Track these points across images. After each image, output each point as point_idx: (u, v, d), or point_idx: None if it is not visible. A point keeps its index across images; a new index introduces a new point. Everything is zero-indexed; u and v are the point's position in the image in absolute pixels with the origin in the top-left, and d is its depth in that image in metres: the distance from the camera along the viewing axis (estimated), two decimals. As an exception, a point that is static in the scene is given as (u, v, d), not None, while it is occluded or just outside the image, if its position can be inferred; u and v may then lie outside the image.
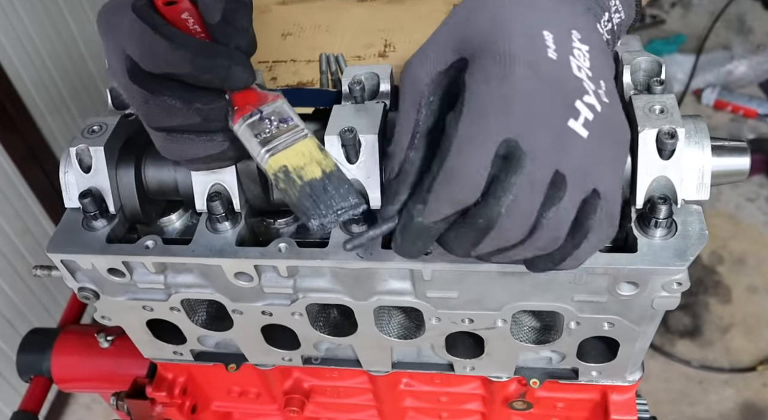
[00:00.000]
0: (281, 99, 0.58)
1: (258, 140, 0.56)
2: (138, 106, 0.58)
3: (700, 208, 0.62)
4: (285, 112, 0.58)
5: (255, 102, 0.57)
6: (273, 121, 0.57)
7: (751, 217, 2.55)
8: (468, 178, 0.46)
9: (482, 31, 0.48)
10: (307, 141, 0.56)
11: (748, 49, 3.04)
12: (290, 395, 0.93)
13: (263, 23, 0.90)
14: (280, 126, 0.57)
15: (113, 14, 0.58)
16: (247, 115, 0.57)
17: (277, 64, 0.82)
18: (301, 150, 0.56)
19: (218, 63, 0.54)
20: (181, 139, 0.59)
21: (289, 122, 0.57)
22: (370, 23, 0.86)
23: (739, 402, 2.10)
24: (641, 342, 0.71)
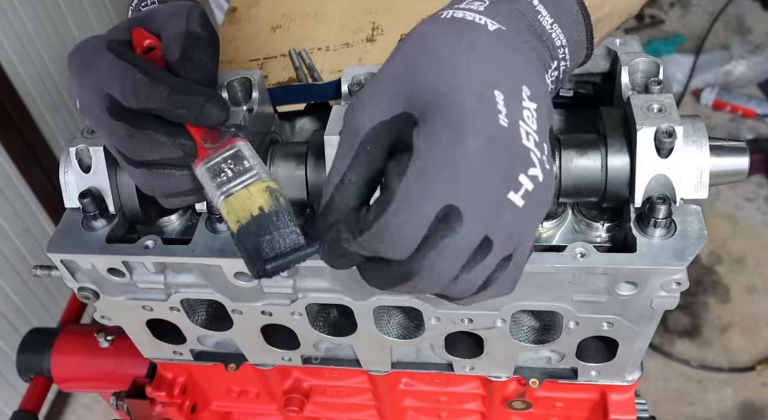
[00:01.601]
0: (241, 141, 0.59)
1: (215, 184, 0.57)
2: (122, 142, 0.59)
3: (699, 208, 0.62)
4: (242, 155, 0.58)
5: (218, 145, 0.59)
6: (230, 164, 0.58)
7: (750, 217, 2.56)
8: (401, 239, 0.46)
9: (431, 86, 0.47)
10: (258, 183, 0.56)
11: (747, 49, 3.04)
12: (290, 395, 0.93)
13: (253, 17, 0.90)
14: (236, 169, 0.57)
15: (90, 54, 0.60)
16: (207, 160, 0.58)
17: (268, 61, 0.82)
18: (250, 193, 0.55)
19: (194, 99, 0.57)
20: (161, 174, 0.61)
21: (245, 165, 0.57)
22: (358, 6, 0.86)
23: (737, 401, 2.10)
24: (640, 342, 0.71)
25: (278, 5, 0.90)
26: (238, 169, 0.57)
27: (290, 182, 0.68)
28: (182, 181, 0.61)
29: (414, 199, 0.45)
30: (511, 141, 0.46)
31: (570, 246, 0.61)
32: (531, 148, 0.46)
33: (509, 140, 0.46)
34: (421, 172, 0.45)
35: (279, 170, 0.69)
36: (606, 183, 0.64)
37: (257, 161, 0.58)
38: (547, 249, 0.63)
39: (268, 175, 0.57)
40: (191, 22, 0.61)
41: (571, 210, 0.71)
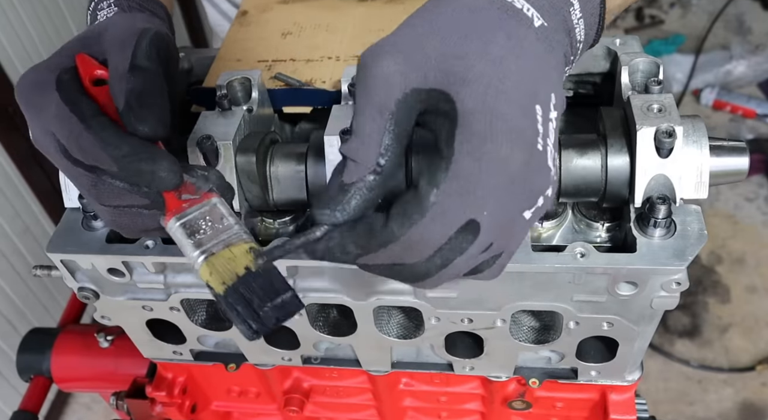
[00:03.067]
0: (216, 197, 0.56)
1: (192, 242, 0.53)
2: (85, 189, 0.56)
3: (699, 208, 0.62)
4: (220, 212, 0.55)
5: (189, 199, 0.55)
6: (207, 221, 0.54)
7: (750, 217, 2.56)
8: (425, 249, 0.45)
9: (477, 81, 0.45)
10: (241, 245, 0.53)
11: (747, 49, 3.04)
12: (290, 395, 0.93)
13: (264, 22, 0.90)
14: (214, 227, 0.54)
15: (36, 92, 0.55)
16: (181, 215, 0.54)
17: (277, 64, 0.82)
18: (233, 253, 0.53)
19: (142, 168, 0.52)
20: (130, 212, 0.57)
21: (224, 223, 0.54)
22: (370, 23, 0.86)
23: (737, 401, 2.10)
24: (640, 342, 0.71)
25: (290, 13, 0.90)
26: (216, 227, 0.54)
27: (290, 182, 0.68)
28: (151, 221, 0.58)
29: (446, 213, 0.44)
30: (542, 165, 0.46)
31: (570, 246, 0.61)
32: (551, 168, 0.46)
33: (541, 164, 0.46)
34: (458, 184, 0.44)
35: (279, 170, 0.69)
36: (606, 183, 0.63)
37: (236, 219, 0.55)
38: (547, 249, 0.63)
39: (249, 235, 0.54)
40: (138, 55, 0.56)
41: (571, 210, 0.71)
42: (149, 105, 0.54)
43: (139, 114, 0.53)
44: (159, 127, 0.54)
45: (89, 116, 0.54)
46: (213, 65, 0.82)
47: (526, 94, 0.45)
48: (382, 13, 0.88)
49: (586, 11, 0.51)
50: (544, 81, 0.47)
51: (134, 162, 0.52)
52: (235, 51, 0.85)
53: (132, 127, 0.53)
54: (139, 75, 0.55)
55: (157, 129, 0.54)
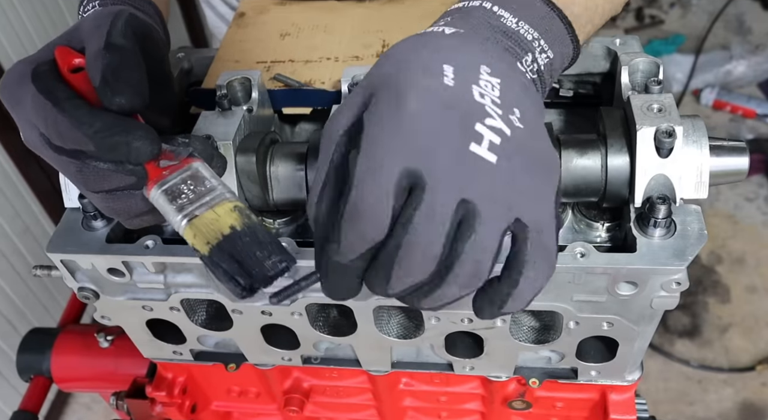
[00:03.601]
0: (198, 161, 0.56)
1: (174, 207, 0.53)
2: (72, 175, 0.57)
3: (699, 208, 0.62)
4: (201, 175, 0.55)
5: (171, 167, 0.55)
6: (189, 185, 0.54)
7: (750, 217, 2.56)
8: (370, 212, 0.43)
9: (384, 73, 0.47)
10: (225, 204, 0.53)
11: (747, 49, 3.04)
12: (290, 395, 0.93)
13: (261, 23, 0.90)
14: (196, 190, 0.54)
15: (16, 87, 0.56)
16: (162, 182, 0.54)
17: (275, 64, 0.82)
18: (217, 214, 0.52)
19: (117, 141, 0.52)
20: (122, 195, 0.58)
21: (206, 185, 0.54)
22: (369, 24, 0.86)
23: (737, 401, 2.10)
24: (640, 342, 0.71)
25: (288, 14, 0.90)
26: (199, 190, 0.54)
27: (290, 182, 0.68)
28: (144, 203, 0.58)
29: (369, 169, 0.43)
30: (457, 95, 0.45)
31: (570, 246, 0.61)
32: (485, 104, 0.45)
33: (455, 95, 0.45)
34: (370, 143, 0.44)
35: (279, 170, 0.69)
36: (606, 183, 0.64)
37: (219, 181, 0.55)
38: (547, 249, 0.63)
39: (233, 195, 0.54)
40: (113, 34, 0.56)
41: (571, 210, 0.71)
42: (125, 78, 0.54)
43: (114, 87, 0.53)
44: (136, 99, 0.54)
45: (62, 99, 0.54)
46: (211, 66, 0.83)
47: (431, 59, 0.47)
48: (380, 14, 0.88)
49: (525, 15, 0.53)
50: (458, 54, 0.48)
51: (108, 136, 0.52)
52: (233, 52, 0.85)
53: (108, 100, 0.53)
54: (114, 51, 0.55)
55: (133, 100, 0.54)
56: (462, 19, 0.53)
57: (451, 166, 0.43)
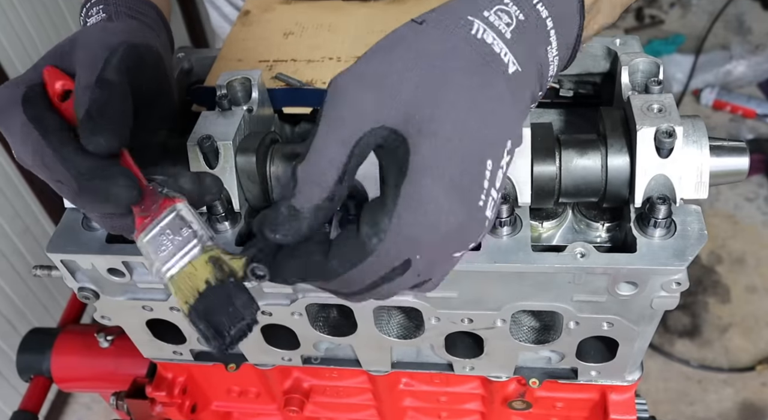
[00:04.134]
0: (177, 202, 0.54)
1: (157, 259, 0.52)
2: (69, 199, 0.56)
3: (699, 208, 0.62)
4: (179, 221, 0.53)
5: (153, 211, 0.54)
6: (168, 234, 0.53)
7: (750, 217, 2.56)
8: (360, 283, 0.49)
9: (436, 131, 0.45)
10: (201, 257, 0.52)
11: (747, 49, 3.04)
12: (290, 395, 0.93)
13: (266, 21, 0.90)
14: (175, 240, 0.53)
15: (5, 112, 0.55)
16: (145, 231, 0.53)
17: (278, 64, 0.82)
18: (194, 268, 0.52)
19: (97, 186, 0.52)
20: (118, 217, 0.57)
21: (184, 234, 0.53)
22: (373, 24, 0.86)
23: (737, 401, 2.10)
24: (640, 342, 0.71)
25: (292, 13, 0.90)
26: (177, 241, 0.52)
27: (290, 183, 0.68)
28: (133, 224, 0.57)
29: (383, 258, 0.47)
30: (478, 219, 0.47)
31: (570, 246, 0.61)
32: (487, 218, 0.48)
33: (478, 218, 0.47)
34: (397, 238, 0.46)
35: (279, 170, 0.69)
36: (606, 183, 0.64)
37: (197, 225, 0.53)
38: (547, 249, 0.63)
39: (210, 239, 0.53)
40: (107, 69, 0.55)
41: (571, 210, 0.71)
42: (108, 117, 0.53)
43: (95, 127, 0.52)
44: (114, 140, 0.53)
45: (51, 131, 0.53)
46: (214, 65, 0.82)
47: (481, 152, 0.46)
48: (384, 14, 0.88)
49: (561, 48, 0.51)
50: (503, 132, 0.47)
51: (88, 180, 0.52)
52: (236, 51, 0.85)
53: (87, 139, 0.52)
54: (104, 88, 0.54)
55: (111, 142, 0.52)
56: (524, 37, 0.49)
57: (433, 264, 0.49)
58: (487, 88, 0.47)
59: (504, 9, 0.48)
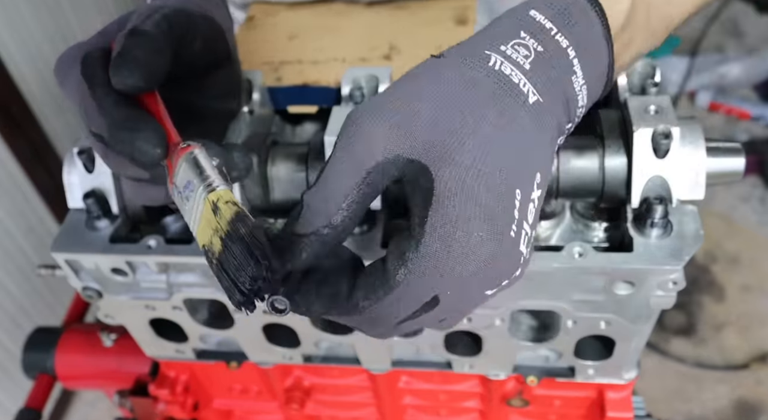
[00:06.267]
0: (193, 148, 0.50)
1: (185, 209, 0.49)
2: (100, 157, 0.57)
3: (696, 209, 0.63)
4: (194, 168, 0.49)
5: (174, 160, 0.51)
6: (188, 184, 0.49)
7: (744, 218, 2.57)
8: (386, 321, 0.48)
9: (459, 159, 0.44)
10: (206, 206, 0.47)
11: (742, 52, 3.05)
12: (291, 393, 0.93)
13: (270, 25, 0.91)
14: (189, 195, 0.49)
15: (66, 66, 0.56)
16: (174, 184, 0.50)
17: (283, 65, 0.83)
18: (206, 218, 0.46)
19: (122, 137, 0.50)
20: (142, 185, 0.57)
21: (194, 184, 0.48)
22: (377, 28, 0.87)
23: (733, 399, 2.11)
24: (637, 340, 0.72)
25: (296, 18, 0.90)
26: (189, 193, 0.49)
27: (291, 183, 0.69)
28: (159, 193, 0.57)
29: (411, 293, 0.45)
30: (512, 251, 0.46)
31: (568, 246, 0.62)
32: (522, 253, 0.47)
33: (511, 251, 0.46)
34: (425, 270, 0.44)
35: (280, 171, 0.69)
36: (603, 184, 0.64)
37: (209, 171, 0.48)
38: (545, 249, 0.64)
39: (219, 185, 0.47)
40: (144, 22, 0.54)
41: (569, 210, 0.71)
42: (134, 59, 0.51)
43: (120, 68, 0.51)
44: (138, 79, 0.51)
45: (97, 85, 0.53)
46: (219, 67, 0.83)
47: (507, 179, 0.45)
48: (388, 18, 0.89)
49: (591, 78, 0.49)
50: (529, 162, 0.46)
51: (115, 130, 0.50)
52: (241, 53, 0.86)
53: (113, 75, 0.51)
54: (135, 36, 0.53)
55: (136, 80, 0.51)
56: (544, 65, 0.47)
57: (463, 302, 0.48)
58: (506, 117, 0.46)
59: (521, 43, 0.48)
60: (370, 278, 0.47)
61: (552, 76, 0.47)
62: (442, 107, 0.45)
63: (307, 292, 0.48)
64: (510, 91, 0.46)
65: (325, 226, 0.46)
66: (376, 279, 0.46)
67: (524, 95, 0.46)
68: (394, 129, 0.45)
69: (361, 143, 0.46)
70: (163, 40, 0.54)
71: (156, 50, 0.53)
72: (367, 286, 0.47)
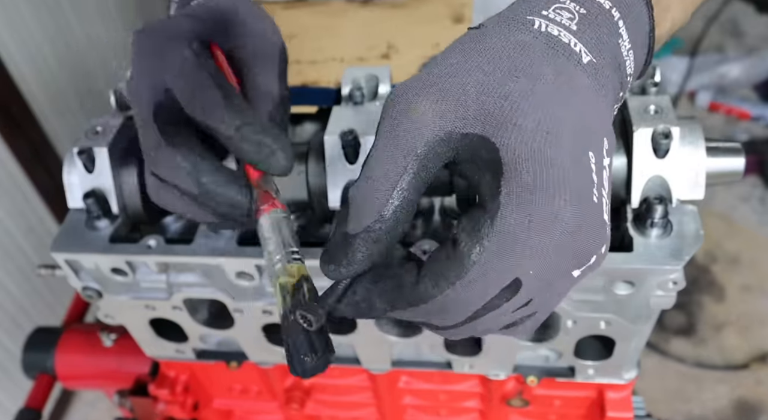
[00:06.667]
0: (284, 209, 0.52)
1: (279, 239, 0.50)
2: (147, 149, 0.52)
3: (696, 209, 0.63)
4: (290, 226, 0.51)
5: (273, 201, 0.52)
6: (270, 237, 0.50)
7: (744, 218, 2.57)
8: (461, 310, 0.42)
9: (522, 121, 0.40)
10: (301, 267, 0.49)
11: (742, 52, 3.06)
12: (291, 393, 0.93)
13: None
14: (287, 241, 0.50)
15: (163, 41, 0.52)
16: (273, 211, 0.51)
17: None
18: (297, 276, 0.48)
19: (265, 141, 0.49)
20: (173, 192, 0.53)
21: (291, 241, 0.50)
22: (374, 27, 0.87)
23: (732, 399, 2.11)
24: (637, 340, 0.72)
25: (294, 18, 0.91)
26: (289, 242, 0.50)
27: (291, 183, 0.69)
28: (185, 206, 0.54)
29: (488, 274, 0.40)
30: (597, 220, 0.41)
31: (568, 246, 0.62)
32: (607, 223, 0.42)
33: (596, 219, 0.41)
34: (504, 246, 0.39)
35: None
36: (603, 184, 0.64)
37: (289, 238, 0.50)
38: (545, 248, 0.64)
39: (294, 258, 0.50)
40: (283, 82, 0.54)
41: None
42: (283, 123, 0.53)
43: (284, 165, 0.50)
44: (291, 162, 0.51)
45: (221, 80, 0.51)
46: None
47: (578, 139, 0.40)
48: (385, 18, 0.89)
49: (635, 44, 0.45)
50: (596, 124, 0.42)
51: (260, 132, 0.49)
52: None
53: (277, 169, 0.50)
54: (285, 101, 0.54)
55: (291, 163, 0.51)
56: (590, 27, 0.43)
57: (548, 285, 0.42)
58: (564, 76, 0.41)
59: (562, 6, 0.44)
60: (438, 263, 0.42)
61: (601, 37, 0.43)
62: (492, 73, 0.41)
63: (368, 291, 0.43)
64: (562, 50, 0.42)
65: (377, 220, 0.42)
66: (446, 262, 0.41)
67: (577, 54, 0.42)
68: (441, 103, 0.41)
69: (407, 123, 0.41)
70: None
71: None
72: (435, 271, 0.41)
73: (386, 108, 0.43)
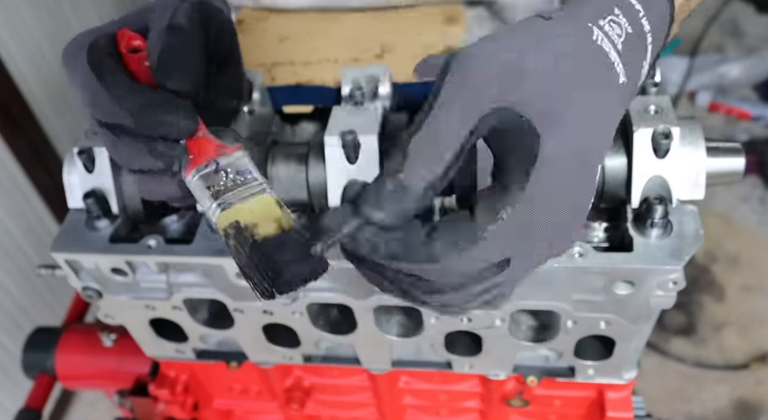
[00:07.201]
0: (241, 151, 0.55)
1: (210, 193, 0.52)
2: (109, 150, 0.57)
3: (696, 209, 0.63)
4: (243, 164, 0.54)
5: (212, 153, 0.54)
6: (229, 173, 0.53)
7: (744, 218, 2.57)
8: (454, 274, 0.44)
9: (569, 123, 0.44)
10: (265, 196, 0.52)
11: (742, 52, 3.06)
12: (291, 393, 0.93)
13: (261, 30, 0.91)
14: (236, 179, 0.53)
15: (73, 55, 0.57)
16: (201, 166, 0.53)
17: (276, 66, 0.83)
18: (256, 206, 0.51)
19: (155, 116, 0.52)
20: (154, 178, 0.57)
21: (246, 175, 0.53)
22: (367, 29, 0.87)
23: (732, 399, 2.11)
24: (637, 340, 0.72)
25: (286, 22, 0.90)
26: (239, 179, 0.52)
27: (291, 182, 0.69)
28: (175, 188, 0.58)
29: (492, 250, 0.43)
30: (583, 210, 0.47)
31: (568, 246, 0.62)
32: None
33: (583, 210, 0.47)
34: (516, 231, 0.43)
35: (280, 171, 0.69)
36: (603, 183, 0.64)
37: (259, 174, 0.54)
38: (545, 249, 0.64)
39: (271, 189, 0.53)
40: (177, 15, 0.56)
41: (569, 210, 0.71)
42: (180, 61, 0.54)
43: (167, 71, 0.54)
44: (186, 83, 0.54)
45: (107, 73, 0.54)
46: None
47: (597, 149, 0.46)
48: (377, 21, 0.89)
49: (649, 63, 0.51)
50: (608, 140, 0.48)
51: (146, 111, 0.52)
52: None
53: (162, 81, 0.54)
54: (176, 34, 0.55)
55: (184, 84, 0.54)
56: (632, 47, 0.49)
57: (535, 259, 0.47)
58: (607, 93, 0.47)
59: (616, 20, 0.48)
60: (452, 230, 0.43)
61: (633, 61, 0.48)
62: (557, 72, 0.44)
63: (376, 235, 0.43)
64: (609, 69, 0.47)
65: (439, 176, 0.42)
66: (461, 232, 0.43)
67: (617, 75, 0.47)
68: (508, 77, 0.43)
69: (476, 85, 0.43)
70: (196, 38, 0.56)
71: (193, 50, 0.55)
72: (448, 236, 0.43)
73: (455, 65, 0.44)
